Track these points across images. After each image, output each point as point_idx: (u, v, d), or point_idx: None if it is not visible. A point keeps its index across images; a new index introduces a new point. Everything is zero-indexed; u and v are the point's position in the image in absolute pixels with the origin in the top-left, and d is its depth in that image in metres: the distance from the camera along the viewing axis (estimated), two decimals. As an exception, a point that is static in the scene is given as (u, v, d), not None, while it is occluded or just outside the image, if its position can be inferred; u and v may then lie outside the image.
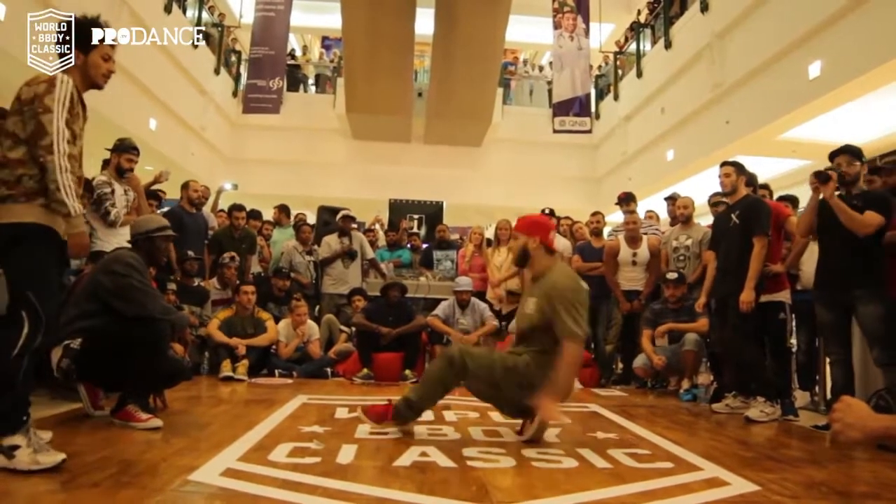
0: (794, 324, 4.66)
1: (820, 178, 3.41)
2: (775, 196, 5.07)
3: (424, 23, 10.86)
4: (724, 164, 4.02)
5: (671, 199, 5.70)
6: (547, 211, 5.98)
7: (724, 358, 4.14)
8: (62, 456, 2.01)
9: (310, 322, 5.43)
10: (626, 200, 5.77)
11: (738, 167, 3.97)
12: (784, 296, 3.96)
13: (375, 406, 2.82)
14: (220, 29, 12.25)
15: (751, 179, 4.10)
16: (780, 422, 3.62)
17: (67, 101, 2.13)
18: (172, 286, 4.91)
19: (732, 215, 3.91)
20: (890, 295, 3.37)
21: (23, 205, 2.07)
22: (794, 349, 4.71)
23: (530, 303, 2.80)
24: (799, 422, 3.67)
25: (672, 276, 4.77)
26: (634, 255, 5.28)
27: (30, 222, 2.07)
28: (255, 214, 6.58)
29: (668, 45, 10.22)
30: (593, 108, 12.66)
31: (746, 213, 3.84)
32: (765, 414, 3.58)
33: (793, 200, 4.85)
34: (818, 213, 3.58)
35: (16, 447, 1.95)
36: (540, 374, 2.67)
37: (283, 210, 7.25)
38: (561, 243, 5.90)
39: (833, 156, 3.55)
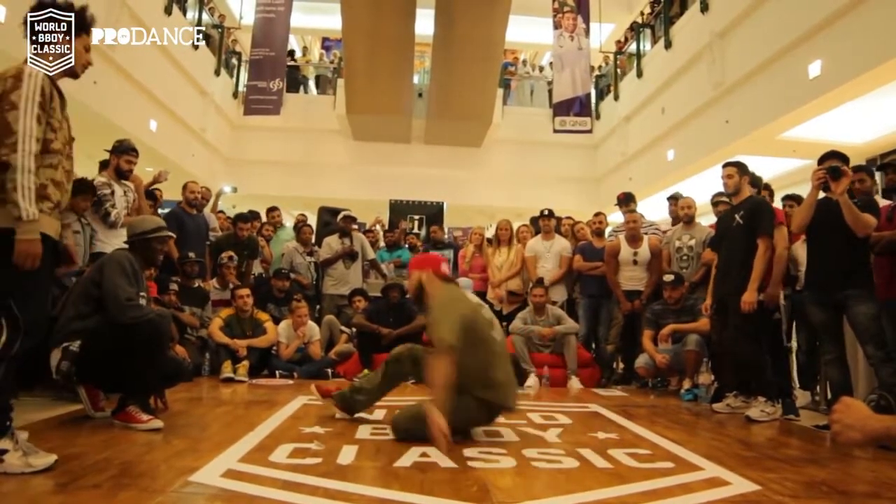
0: (794, 323, 4.66)
1: (834, 173, 3.37)
2: (779, 195, 5.07)
3: (424, 23, 10.86)
4: (726, 164, 4.01)
5: (673, 199, 5.69)
6: (546, 212, 5.97)
7: (724, 358, 4.13)
8: (53, 457, 2.01)
9: (310, 323, 5.43)
10: (626, 201, 5.76)
11: (741, 167, 3.96)
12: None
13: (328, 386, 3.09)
14: (220, 30, 12.26)
15: (754, 180, 4.08)
16: (781, 421, 3.62)
17: (37, 95, 2.00)
18: (174, 286, 4.93)
19: (737, 215, 3.90)
20: (878, 295, 3.45)
21: None
22: (794, 349, 4.71)
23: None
24: (800, 421, 3.67)
25: (668, 277, 4.75)
26: (635, 254, 5.28)
27: (4, 227, 1.96)
28: (254, 215, 6.58)
29: (668, 45, 10.21)
30: (593, 108, 12.64)
31: (751, 213, 3.82)
32: (765, 413, 3.58)
33: (798, 200, 4.84)
34: (814, 212, 3.57)
35: (3, 451, 1.95)
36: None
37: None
38: (560, 243, 5.92)
39: (822, 160, 3.53)
